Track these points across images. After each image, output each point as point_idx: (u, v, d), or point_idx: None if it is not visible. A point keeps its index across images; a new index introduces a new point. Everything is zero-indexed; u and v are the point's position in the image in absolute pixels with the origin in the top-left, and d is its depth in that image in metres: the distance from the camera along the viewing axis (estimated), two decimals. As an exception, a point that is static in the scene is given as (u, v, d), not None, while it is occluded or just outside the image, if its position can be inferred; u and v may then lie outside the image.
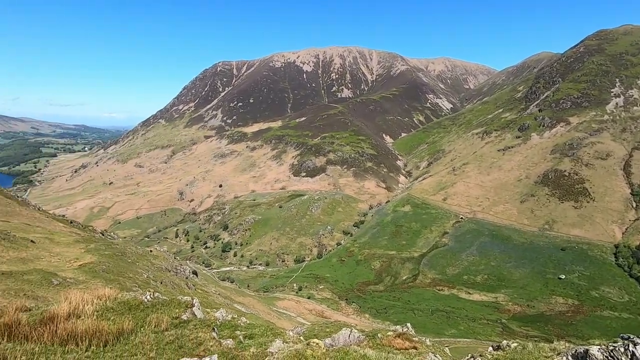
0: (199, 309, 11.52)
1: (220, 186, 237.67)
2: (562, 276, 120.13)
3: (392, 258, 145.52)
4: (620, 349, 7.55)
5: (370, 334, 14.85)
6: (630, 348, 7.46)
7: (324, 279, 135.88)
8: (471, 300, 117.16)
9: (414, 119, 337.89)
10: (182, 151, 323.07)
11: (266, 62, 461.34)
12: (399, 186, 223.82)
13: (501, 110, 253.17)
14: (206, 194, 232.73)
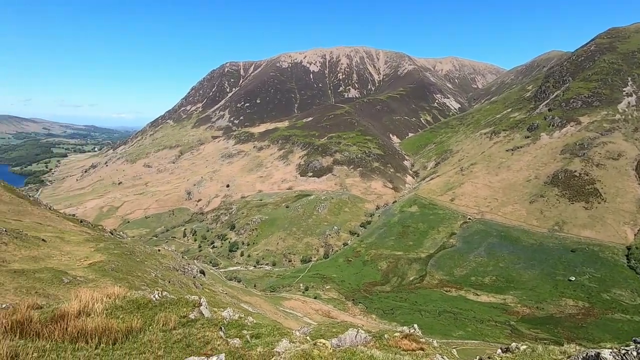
0: (206, 308, 11.58)
1: (228, 186, 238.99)
2: (572, 278, 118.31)
3: (399, 259, 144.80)
4: (633, 353, 7.42)
5: (377, 335, 14.78)
6: (643, 352, 7.31)
7: (331, 279, 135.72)
8: (479, 302, 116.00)
9: (421, 119, 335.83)
10: (189, 151, 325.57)
11: (273, 63, 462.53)
12: (406, 186, 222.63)
13: (510, 109, 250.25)
14: (213, 193, 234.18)
